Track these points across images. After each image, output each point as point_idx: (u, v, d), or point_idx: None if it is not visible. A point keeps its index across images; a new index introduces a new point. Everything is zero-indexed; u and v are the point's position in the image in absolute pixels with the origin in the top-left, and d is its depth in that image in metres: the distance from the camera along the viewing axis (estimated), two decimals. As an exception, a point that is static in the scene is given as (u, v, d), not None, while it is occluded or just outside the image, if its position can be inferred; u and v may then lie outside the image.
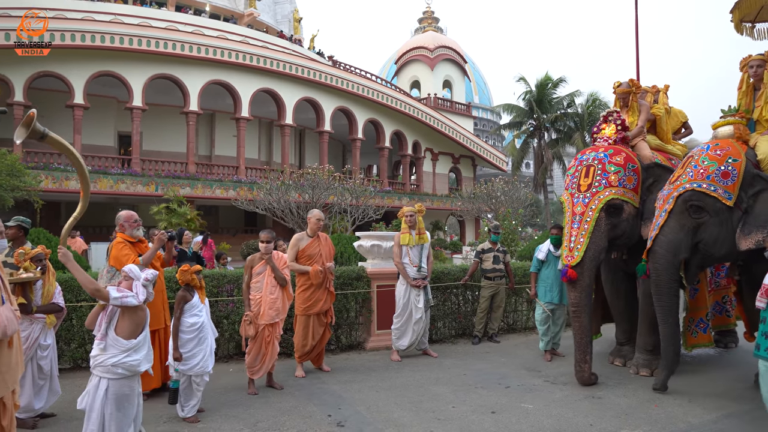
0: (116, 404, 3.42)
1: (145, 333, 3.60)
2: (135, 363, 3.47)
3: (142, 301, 3.54)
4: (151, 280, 3.61)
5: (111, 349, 3.45)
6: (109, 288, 3.47)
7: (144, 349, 3.57)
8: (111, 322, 3.50)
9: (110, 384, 3.43)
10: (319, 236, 6.39)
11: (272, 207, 18.17)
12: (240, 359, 6.79)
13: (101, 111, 24.98)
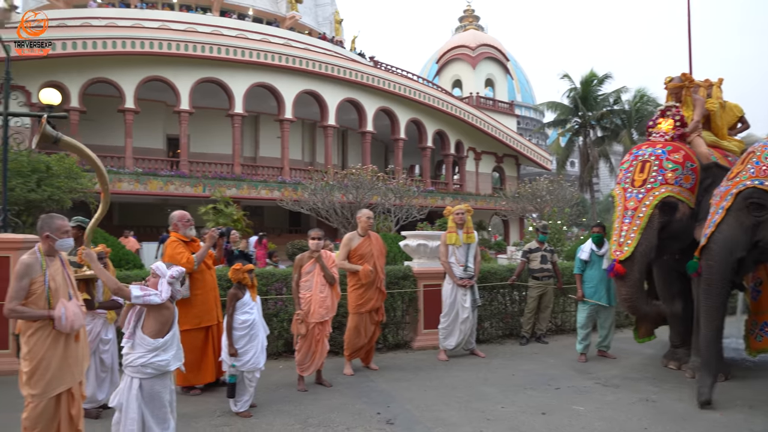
0: (151, 402, 3.43)
1: (172, 332, 3.55)
2: (163, 363, 3.45)
3: (166, 299, 3.47)
4: (177, 277, 3.55)
5: (139, 348, 3.45)
6: (132, 286, 3.45)
7: (172, 348, 3.53)
8: (138, 321, 3.50)
9: (142, 383, 3.44)
10: (370, 235, 6.43)
11: (317, 207, 18.36)
12: (289, 357, 6.89)
13: (151, 115, 25.74)
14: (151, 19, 26.99)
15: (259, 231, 14.85)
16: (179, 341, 3.65)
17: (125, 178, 22.13)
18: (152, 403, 3.42)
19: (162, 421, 3.48)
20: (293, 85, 26.59)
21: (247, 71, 25.51)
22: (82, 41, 21.74)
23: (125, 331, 3.49)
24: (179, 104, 24.20)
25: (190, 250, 5.42)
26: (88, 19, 25.87)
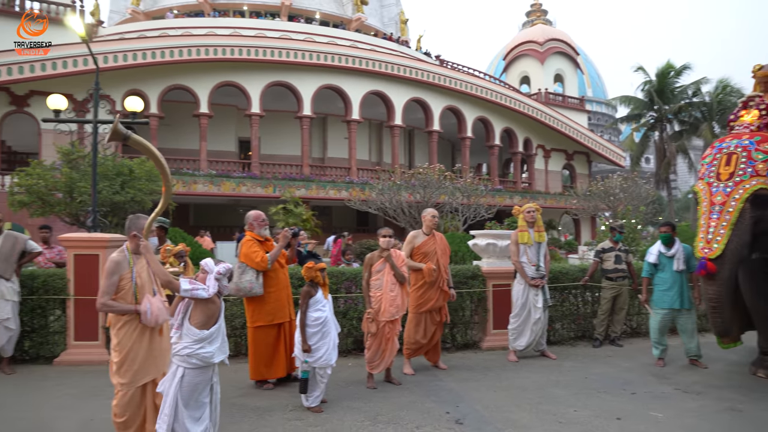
0: (189, 392, 3.52)
1: (218, 325, 3.62)
2: (208, 355, 3.52)
3: (213, 294, 3.56)
4: (224, 273, 3.62)
5: (185, 339, 3.55)
6: (181, 280, 3.56)
7: (217, 341, 3.60)
8: (186, 313, 3.61)
9: (186, 372, 3.53)
10: (434, 234, 6.44)
11: (384, 207, 18.49)
12: (358, 354, 6.99)
13: (223, 119, 26.73)
14: (223, 26, 28.03)
15: (334, 231, 15.28)
16: (224, 335, 3.74)
17: (200, 180, 23.07)
18: (190, 394, 3.50)
19: (196, 415, 3.52)
20: (360, 86, 26.90)
21: (315, 74, 26.02)
22: (161, 51, 22.85)
23: (174, 322, 3.62)
24: (250, 108, 24.99)
25: (264, 249, 5.61)
26: (166, 29, 27.17)
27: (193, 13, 30.88)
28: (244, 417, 4.81)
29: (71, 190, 12.84)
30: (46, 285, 6.75)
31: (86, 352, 6.57)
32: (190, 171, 23.17)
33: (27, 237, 6.64)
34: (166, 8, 31.72)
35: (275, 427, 4.59)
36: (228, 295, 6.26)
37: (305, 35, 28.13)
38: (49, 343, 6.79)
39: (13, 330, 6.31)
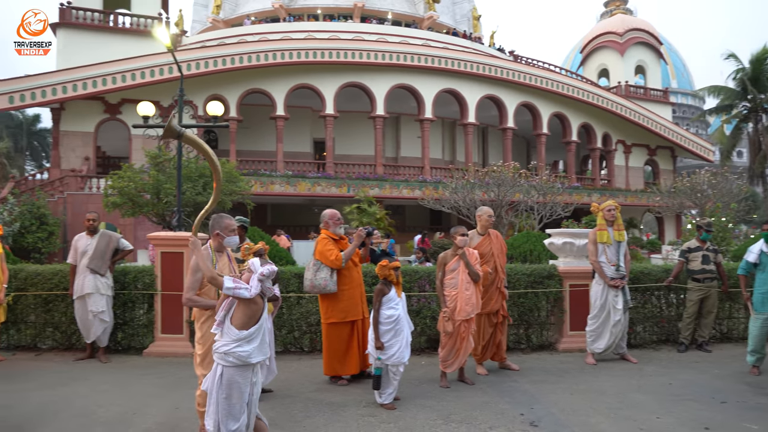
0: (226, 390, 3.52)
1: (258, 325, 3.59)
2: (245, 354, 3.50)
3: (255, 295, 3.53)
4: (267, 275, 3.56)
5: (225, 337, 3.56)
6: (225, 278, 3.55)
7: (256, 341, 3.57)
8: (228, 312, 3.61)
9: (224, 370, 3.54)
10: (489, 234, 6.32)
11: (458, 205, 18.36)
12: (431, 353, 7.00)
13: (299, 120, 27.40)
14: (298, 30, 28.75)
15: (408, 230, 15.44)
16: (265, 336, 3.70)
17: (277, 181, 23.77)
18: (229, 392, 3.51)
19: (234, 413, 3.52)
20: (433, 85, 26.85)
21: (388, 73, 26.19)
22: (239, 56, 23.72)
23: (216, 319, 3.65)
24: (324, 109, 25.49)
25: (338, 248, 5.73)
26: (244, 35, 28.18)
27: (269, 19, 31.86)
28: (319, 411, 4.92)
29: (158, 192, 13.59)
30: (136, 281, 7.19)
31: (172, 345, 6.94)
32: (267, 172, 23.91)
33: (120, 235, 7.10)
34: (243, 15, 32.89)
35: (349, 422, 4.67)
36: (304, 291, 6.47)
37: (377, 36, 28.38)
38: (138, 335, 7.23)
39: (107, 322, 6.76)
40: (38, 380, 5.95)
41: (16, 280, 7.29)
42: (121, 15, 25.68)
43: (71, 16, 24.82)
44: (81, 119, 22.97)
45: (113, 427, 4.53)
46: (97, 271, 6.65)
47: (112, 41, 24.65)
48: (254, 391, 3.60)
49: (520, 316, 7.27)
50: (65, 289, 7.02)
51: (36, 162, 40.92)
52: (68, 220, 19.66)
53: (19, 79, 21.31)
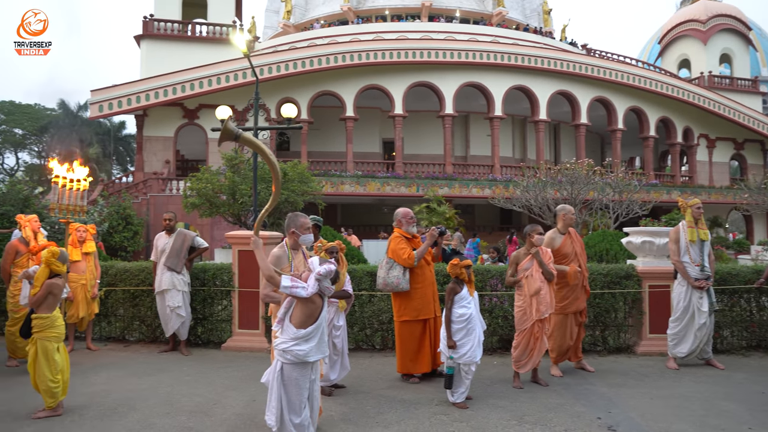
0: (285, 386, 3.58)
1: (316, 324, 3.58)
2: (302, 353, 3.51)
3: (312, 294, 3.54)
4: (324, 275, 3.54)
5: (284, 335, 3.60)
6: (283, 276, 3.59)
7: (314, 340, 3.58)
8: (288, 310, 3.66)
9: (283, 366, 3.60)
10: (570, 232, 6.17)
11: (529, 204, 18.00)
12: (503, 353, 6.90)
13: (368, 121, 27.67)
14: (366, 32, 29.04)
15: (472, 230, 15.22)
16: (324, 335, 3.71)
17: (347, 181, 24.11)
18: (289, 387, 3.57)
19: (295, 408, 3.58)
20: (502, 82, 26.45)
21: (456, 72, 26.03)
22: (309, 60, 24.23)
23: (278, 316, 3.71)
24: (393, 109, 25.63)
25: (411, 246, 5.76)
26: (314, 39, 28.76)
27: (338, 22, 32.36)
28: (391, 408, 4.96)
29: (234, 193, 14.09)
30: (215, 278, 7.50)
31: (248, 340, 7.19)
32: (337, 172, 24.31)
33: (195, 234, 7.43)
34: (313, 19, 33.57)
35: (421, 420, 4.68)
36: (376, 290, 6.53)
37: (446, 34, 28.25)
38: (217, 330, 7.53)
39: (184, 317, 7.09)
40: (128, 369, 6.32)
41: (107, 276, 7.79)
42: (198, 24, 26.80)
43: (153, 27, 26.15)
44: (162, 125, 24.19)
45: (195, 416, 4.74)
46: (173, 269, 6.98)
47: (190, 49, 25.78)
48: (314, 387, 3.65)
49: (596, 317, 7.05)
50: (150, 285, 7.42)
51: (121, 166, 43.36)
52: (151, 221, 20.74)
53: (107, 89, 22.68)
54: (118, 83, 23.15)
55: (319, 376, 3.74)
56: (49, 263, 4.87)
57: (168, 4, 27.01)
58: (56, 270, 4.91)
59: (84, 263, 7.15)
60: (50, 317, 4.83)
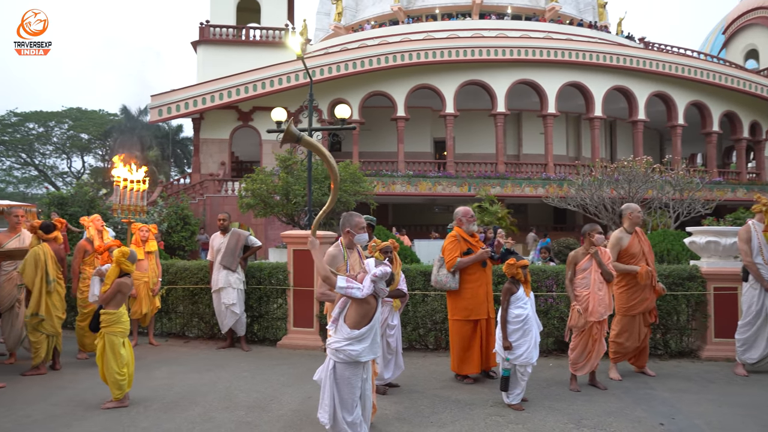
0: (337, 384, 3.60)
1: (370, 325, 3.60)
2: (355, 353, 3.54)
3: (367, 295, 3.55)
4: (380, 276, 3.56)
5: (338, 335, 3.63)
6: (339, 277, 3.61)
7: (367, 341, 3.59)
8: (343, 310, 3.68)
9: (336, 365, 3.62)
10: (637, 231, 5.99)
11: (584, 203, 17.57)
12: (559, 355, 6.77)
13: (419, 121, 27.62)
14: (416, 31, 29.01)
15: (530, 229, 14.94)
16: (377, 336, 3.72)
17: (398, 181, 24.16)
18: (341, 386, 3.59)
19: (348, 406, 3.59)
20: (556, 79, 25.93)
21: (508, 69, 25.68)
22: (360, 60, 24.40)
23: (332, 315, 3.74)
24: (444, 109, 25.50)
25: (467, 246, 5.73)
26: (364, 40, 28.94)
27: (388, 22, 32.44)
28: (446, 408, 4.94)
29: (287, 193, 14.34)
30: (270, 276, 7.65)
31: (303, 338, 7.29)
32: (388, 172, 24.38)
33: (248, 233, 7.60)
34: (364, 20, 33.77)
35: (476, 420, 4.64)
36: (429, 289, 6.53)
37: (497, 31, 27.91)
38: (272, 327, 7.68)
39: (238, 314, 7.26)
40: (188, 365, 6.53)
41: (168, 274, 8.08)
42: (252, 29, 27.41)
43: (209, 33, 26.91)
44: (217, 127, 24.86)
45: (253, 411, 4.85)
46: (228, 267, 7.17)
47: (244, 53, 26.40)
48: (366, 386, 3.67)
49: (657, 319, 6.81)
50: (208, 284, 7.64)
51: (179, 168, 44.82)
52: (207, 221, 21.35)
53: (165, 94, 23.49)
54: (176, 88, 23.93)
55: (371, 375, 3.76)
56: (120, 262, 5.08)
57: (223, 11, 27.76)
58: (126, 269, 5.13)
59: (146, 262, 7.43)
60: (117, 313, 5.04)
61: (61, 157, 44.71)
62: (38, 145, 43.31)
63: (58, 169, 45.26)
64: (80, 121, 42.60)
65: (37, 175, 45.14)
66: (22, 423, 4.62)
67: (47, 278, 6.07)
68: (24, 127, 42.04)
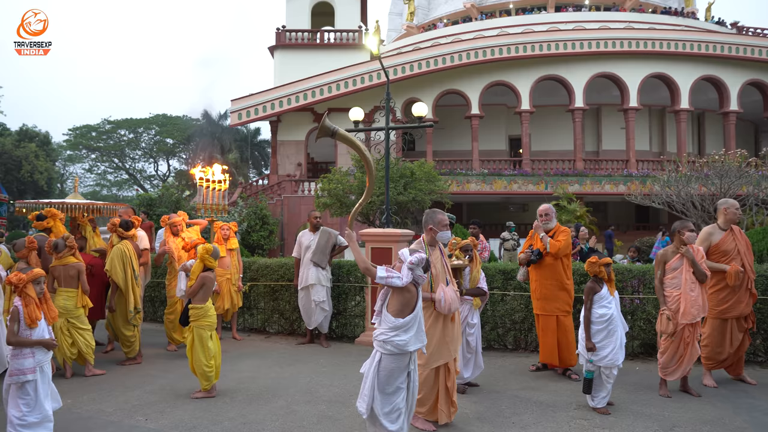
0: (380, 375, 3.59)
1: (414, 314, 3.62)
2: (402, 343, 3.55)
3: (407, 283, 3.58)
4: (416, 263, 3.60)
5: (383, 326, 3.64)
6: (378, 268, 3.63)
7: (412, 330, 3.60)
8: (385, 301, 3.69)
9: (382, 357, 3.62)
10: (732, 229, 5.60)
11: (671, 200, 16.70)
12: (645, 359, 6.48)
13: (493, 118, 27.20)
14: (490, 28, 28.60)
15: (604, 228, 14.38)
16: (422, 325, 3.73)
17: (473, 180, 23.90)
18: (383, 378, 3.59)
19: (386, 398, 3.59)
20: (638, 70, 24.82)
21: (587, 63, 24.85)
22: (433, 59, 24.31)
23: (375, 309, 3.75)
24: (520, 105, 24.98)
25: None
26: (437, 38, 28.82)
27: (461, 20, 32.15)
28: (527, 409, 4.83)
29: (362, 192, 14.48)
30: (349, 274, 7.76)
31: (381, 335, 7.32)
32: (463, 171, 24.17)
33: (337, 233, 7.72)
34: (436, 19, 33.65)
35: (560, 423, 4.51)
36: (508, 289, 6.40)
37: (574, 24, 27.08)
38: (350, 324, 7.79)
39: (327, 311, 7.40)
40: (270, 359, 6.73)
41: (250, 272, 8.36)
42: (327, 32, 27.92)
43: (285, 38, 27.63)
44: (294, 129, 25.49)
45: (334, 406, 4.93)
46: (318, 264, 7.30)
47: (318, 56, 26.91)
48: (413, 377, 3.68)
49: (757, 324, 6.35)
50: (289, 280, 7.84)
51: (256, 170, 46.34)
52: (285, 220, 21.93)
53: (244, 98, 24.34)
54: (254, 92, 24.74)
55: (417, 367, 3.77)
56: (203, 258, 5.31)
57: (298, 15, 28.42)
58: (209, 264, 5.35)
59: (228, 259, 7.71)
60: (204, 307, 5.26)
61: (148, 160, 47.42)
62: (128, 150, 46.16)
63: (146, 173, 48.05)
64: (166, 126, 45.00)
65: (127, 179, 48.10)
66: (122, 408, 4.93)
67: (134, 273, 6.44)
68: (116, 134, 44.90)
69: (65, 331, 5.77)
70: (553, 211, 6.05)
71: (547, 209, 6.01)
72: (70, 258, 5.87)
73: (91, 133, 44.51)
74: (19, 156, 35.70)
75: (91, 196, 42.24)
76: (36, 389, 3.88)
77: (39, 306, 4.02)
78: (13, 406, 3.83)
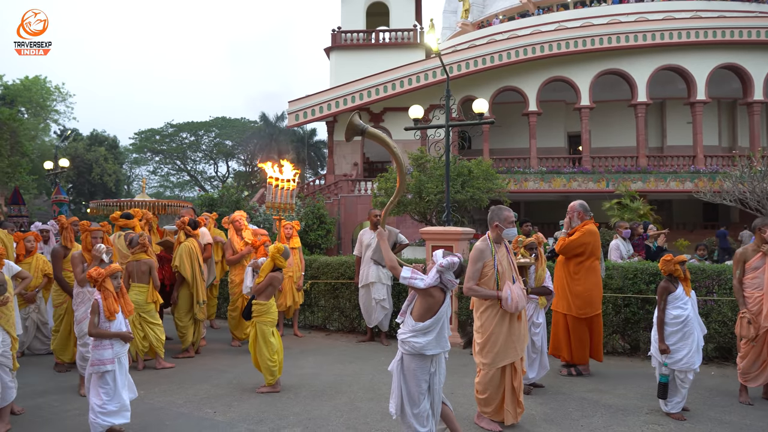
0: (405, 376, 3.54)
1: (435, 318, 3.51)
2: (419, 345, 3.47)
3: (430, 286, 3.47)
4: (446, 266, 3.48)
5: (405, 326, 3.57)
6: (404, 268, 3.57)
7: (432, 334, 3.50)
8: (411, 302, 3.63)
9: (403, 357, 3.57)
10: None
11: (743, 197, 15.88)
12: (722, 363, 6.19)
13: (551, 115, 26.59)
14: (548, 22, 27.93)
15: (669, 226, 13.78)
16: (444, 330, 3.60)
17: (531, 178, 23.44)
18: (408, 378, 3.54)
19: (414, 398, 3.53)
20: (706, 62, 23.70)
21: (650, 55, 23.92)
22: (489, 56, 23.96)
23: (402, 308, 3.70)
24: (579, 101, 24.31)
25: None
26: (493, 35, 28.40)
27: (517, 15, 31.58)
28: (596, 412, 4.69)
29: (420, 191, 14.44)
30: (407, 272, 7.72)
31: (441, 335, 7.27)
32: (520, 169, 23.74)
33: (398, 231, 7.72)
34: (492, 15, 33.16)
35: (632, 427, 4.35)
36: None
37: (636, 15, 26.10)
38: (409, 323, 7.74)
39: (387, 309, 7.41)
40: (331, 356, 6.80)
41: (311, 270, 8.47)
42: (381, 32, 28.00)
43: (341, 39, 27.87)
44: (350, 129, 25.62)
45: (397, 405, 4.92)
46: (379, 263, 7.32)
47: (373, 56, 27.00)
48: (435, 380, 3.61)
49: None
50: (349, 278, 7.89)
51: (312, 170, 46.97)
52: (341, 219, 22.12)
53: (301, 100, 24.70)
54: (310, 93, 25.07)
55: (441, 369, 3.69)
56: (275, 258, 5.40)
57: (353, 16, 28.60)
58: (279, 264, 5.44)
59: (291, 257, 7.83)
60: (267, 304, 5.36)
61: (209, 162, 48.85)
62: (190, 153, 47.71)
63: (206, 174, 49.52)
64: (225, 129, 46.25)
65: (188, 180, 49.73)
66: (191, 400, 5.08)
67: (200, 268, 6.70)
68: (178, 137, 46.52)
69: (137, 325, 6.01)
70: (577, 211, 5.73)
71: (573, 207, 5.75)
72: (142, 254, 6.12)
73: (155, 136, 46.27)
74: (90, 159, 37.61)
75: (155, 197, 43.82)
76: (115, 379, 4.06)
77: (117, 300, 4.19)
78: (94, 395, 4.02)
